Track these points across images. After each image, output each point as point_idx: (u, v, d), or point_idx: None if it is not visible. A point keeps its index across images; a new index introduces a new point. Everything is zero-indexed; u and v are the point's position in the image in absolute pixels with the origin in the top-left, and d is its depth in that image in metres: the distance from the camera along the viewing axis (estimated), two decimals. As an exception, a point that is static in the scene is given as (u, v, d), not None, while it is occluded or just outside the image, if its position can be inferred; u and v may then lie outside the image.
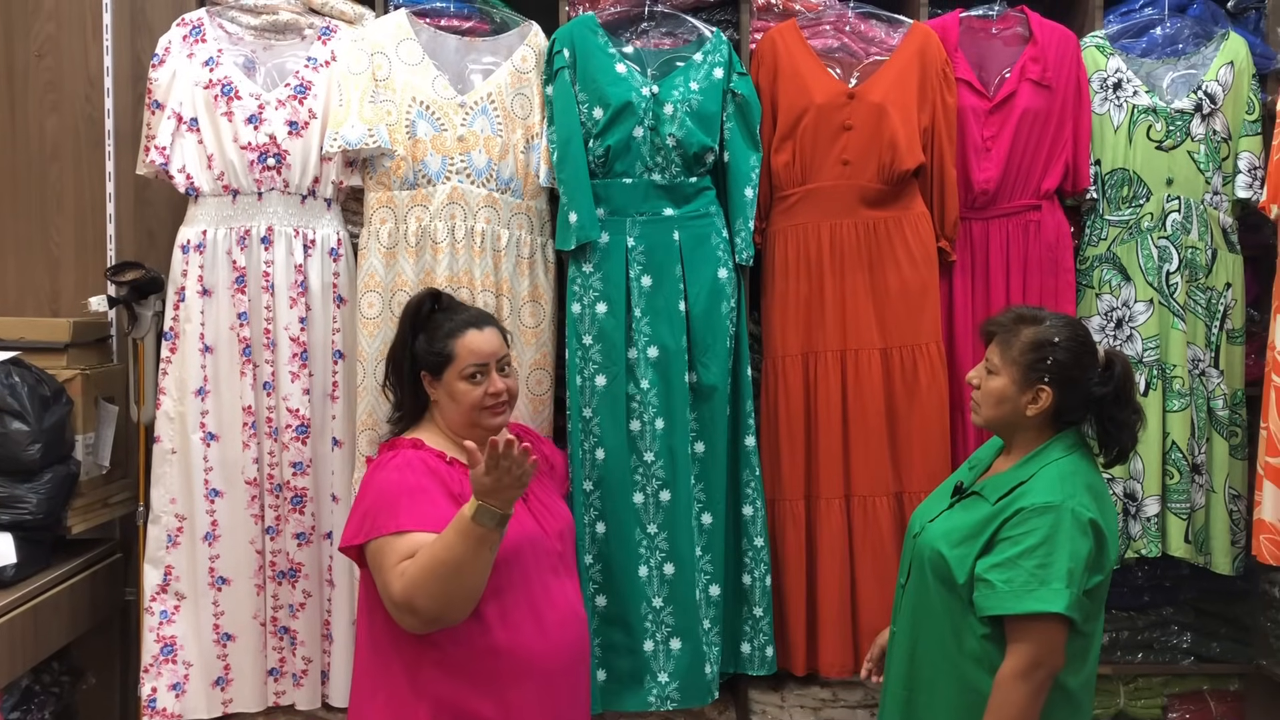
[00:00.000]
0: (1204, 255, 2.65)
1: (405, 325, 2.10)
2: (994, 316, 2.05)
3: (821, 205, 2.56)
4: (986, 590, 1.84)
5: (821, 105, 2.53)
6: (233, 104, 2.50)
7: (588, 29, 2.57)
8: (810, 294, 2.56)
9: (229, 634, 2.54)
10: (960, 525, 1.94)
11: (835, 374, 2.55)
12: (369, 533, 1.90)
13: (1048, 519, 1.82)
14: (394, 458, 1.99)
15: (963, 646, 1.90)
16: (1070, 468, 1.90)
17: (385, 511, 1.90)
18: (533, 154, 2.58)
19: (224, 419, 2.53)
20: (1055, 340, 1.91)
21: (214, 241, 2.52)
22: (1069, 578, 1.79)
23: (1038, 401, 1.91)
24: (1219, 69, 2.65)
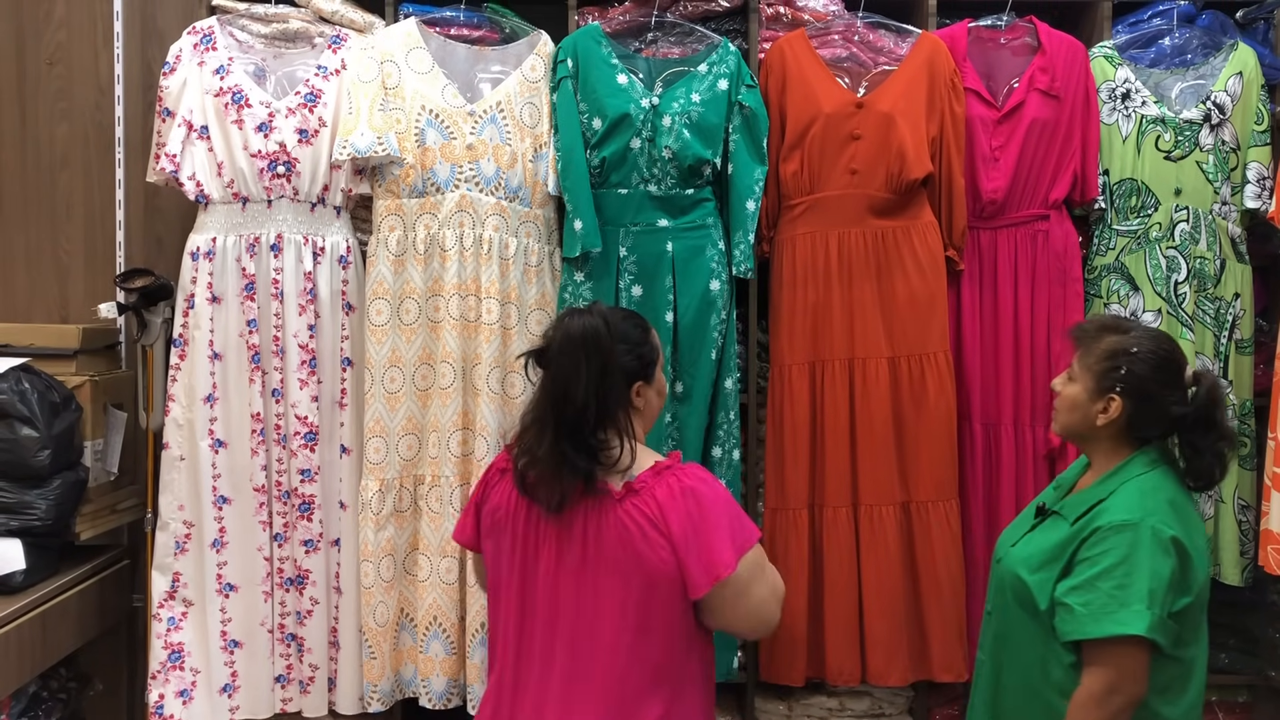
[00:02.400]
0: (1212, 265, 2.64)
1: (609, 351, 1.81)
2: (1081, 323, 1.97)
3: (829, 214, 2.56)
4: (1065, 615, 1.76)
5: (830, 114, 2.54)
6: (243, 112, 2.51)
7: (592, 39, 2.58)
8: (818, 303, 2.56)
9: (236, 641, 2.54)
10: (1040, 549, 1.86)
11: (843, 383, 2.55)
12: (745, 543, 1.78)
13: (1125, 537, 1.74)
14: (699, 470, 1.83)
15: (1048, 677, 1.82)
16: (1151, 483, 1.82)
17: (744, 520, 1.83)
18: (541, 163, 2.59)
19: (232, 426, 2.53)
20: (1132, 350, 1.83)
21: (223, 249, 2.53)
22: (1150, 598, 1.70)
23: (1108, 411, 1.84)
24: (1228, 79, 2.65)
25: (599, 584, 1.79)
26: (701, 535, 1.74)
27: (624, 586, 1.77)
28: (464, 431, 2.53)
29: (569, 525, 1.81)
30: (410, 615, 2.58)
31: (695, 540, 1.73)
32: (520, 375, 2.56)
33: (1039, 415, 2.60)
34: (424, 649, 2.52)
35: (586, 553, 1.80)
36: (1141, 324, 1.95)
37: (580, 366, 1.77)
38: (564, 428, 1.77)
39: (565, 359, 1.79)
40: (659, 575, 1.75)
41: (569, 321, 1.81)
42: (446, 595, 2.51)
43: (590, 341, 1.78)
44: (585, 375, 1.77)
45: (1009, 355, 2.61)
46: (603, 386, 1.78)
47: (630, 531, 1.76)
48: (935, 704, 2.74)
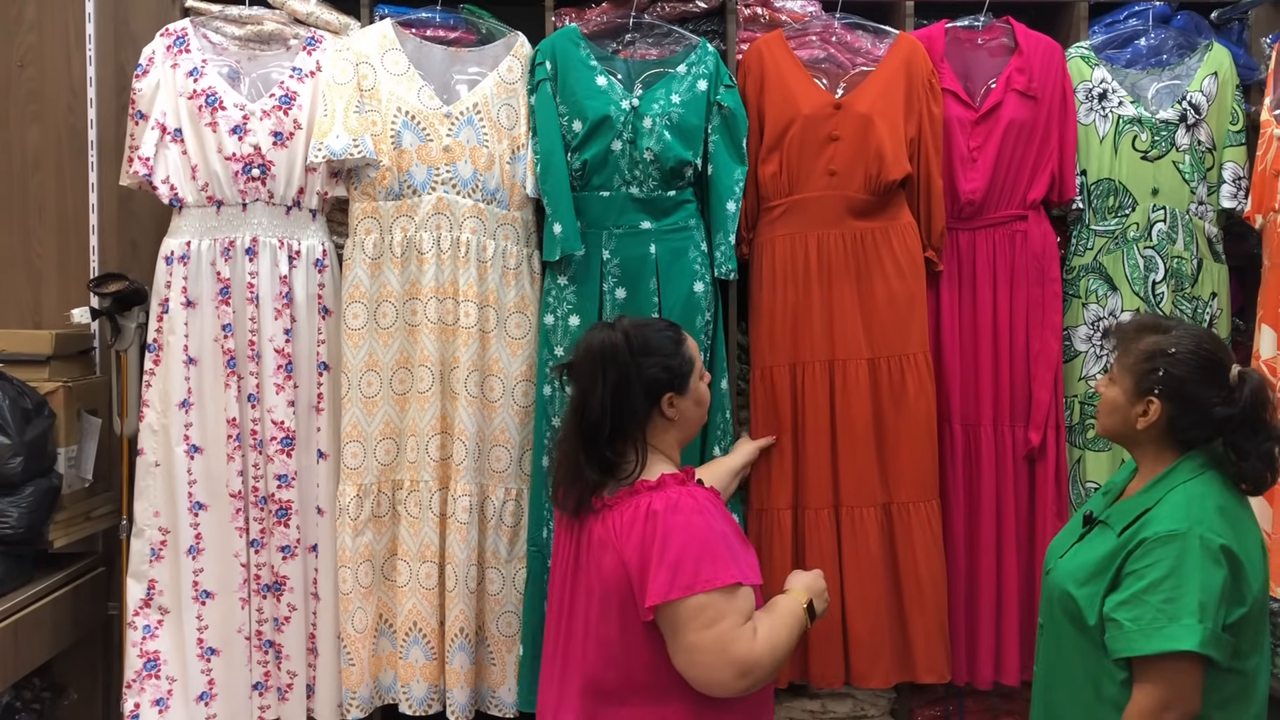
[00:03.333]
0: (1189, 265, 2.65)
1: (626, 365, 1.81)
2: (1125, 322, 1.92)
3: (809, 216, 2.55)
4: (1115, 631, 1.70)
5: (809, 116, 2.53)
6: (217, 114, 2.49)
7: (570, 41, 2.56)
8: (798, 304, 2.55)
9: (213, 648, 2.52)
10: (1087, 561, 1.80)
11: (823, 384, 2.54)
12: (691, 586, 1.68)
13: (1173, 548, 1.67)
14: (683, 498, 1.76)
15: (1101, 693, 1.76)
16: (1199, 490, 1.74)
17: (708, 561, 1.70)
18: (519, 165, 2.58)
19: (208, 431, 2.51)
20: (1171, 351, 1.76)
21: (198, 253, 2.51)
22: (1201, 612, 1.63)
23: (1147, 414, 1.78)
24: (1203, 79, 2.66)
25: (578, 593, 1.85)
26: (644, 561, 1.72)
27: (588, 598, 1.82)
28: (442, 436, 2.51)
29: (577, 532, 1.87)
30: (389, 621, 2.56)
31: (639, 565, 1.73)
32: (499, 379, 2.54)
33: (1018, 416, 2.60)
34: (404, 655, 2.50)
35: (579, 561, 1.85)
36: (1184, 322, 1.89)
37: (597, 381, 1.82)
38: (581, 439, 1.82)
39: (583, 372, 1.85)
40: (615, 593, 1.76)
41: (590, 335, 1.87)
42: (426, 600, 2.49)
43: (607, 356, 1.82)
44: (600, 389, 1.81)
45: (988, 356, 2.61)
46: (618, 400, 1.81)
47: (594, 548, 1.80)
48: (917, 705, 2.74)
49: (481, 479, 2.53)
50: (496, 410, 2.54)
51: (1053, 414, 2.59)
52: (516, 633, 2.55)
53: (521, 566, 2.55)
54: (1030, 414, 2.59)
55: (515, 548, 2.57)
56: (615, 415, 1.81)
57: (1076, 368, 2.66)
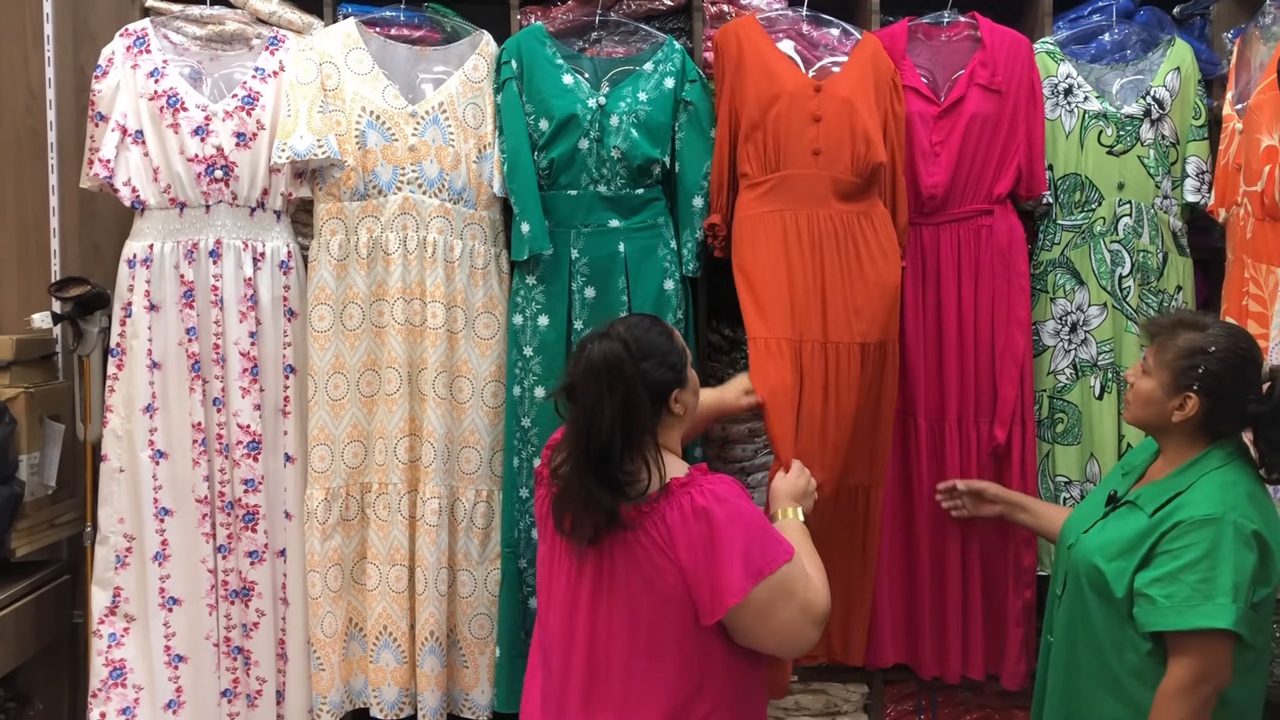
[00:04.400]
0: (1155, 259, 2.67)
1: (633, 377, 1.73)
2: (1158, 317, 2.00)
3: (796, 193, 2.45)
4: (1147, 606, 1.80)
5: (792, 93, 2.46)
6: (179, 115, 2.46)
7: (535, 39, 2.55)
8: (791, 279, 2.42)
9: (180, 655, 2.49)
10: (1117, 538, 1.89)
11: (820, 366, 2.41)
12: (763, 570, 1.69)
13: (1209, 532, 1.77)
14: (719, 485, 1.74)
15: (1124, 661, 1.87)
16: (1231, 476, 1.85)
17: (770, 540, 1.73)
18: (485, 164, 2.56)
19: (173, 436, 2.48)
20: (1210, 349, 1.85)
21: (161, 255, 2.48)
22: (1235, 592, 1.74)
23: (1184, 409, 1.87)
24: (1166, 75, 2.67)
25: (612, 611, 1.75)
26: (711, 561, 1.68)
27: (634, 615, 1.73)
28: (411, 438, 2.49)
29: (596, 554, 1.76)
30: (359, 625, 2.54)
31: (704, 567, 1.68)
32: (468, 380, 2.53)
33: (984, 412, 2.59)
34: (374, 659, 2.49)
35: (600, 579, 1.76)
36: (1218, 319, 1.97)
37: (604, 398, 1.70)
38: (591, 463, 1.71)
39: (588, 391, 1.72)
40: (669, 602, 1.71)
41: (590, 348, 1.74)
42: (396, 604, 2.47)
43: (612, 369, 1.71)
44: (609, 407, 1.70)
45: (953, 351, 2.60)
46: (628, 416, 1.71)
47: (638, 559, 1.72)
48: (890, 700, 2.74)
49: (451, 481, 2.52)
50: (466, 411, 2.53)
51: (1019, 410, 2.59)
52: (489, 635, 2.54)
53: (494, 568, 2.53)
54: (996, 410, 2.59)
55: (487, 549, 2.55)
56: (625, 431, 1.71)
57: (1045, 362, 2.67)
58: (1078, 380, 2.64)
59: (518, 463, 2.49)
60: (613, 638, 1.76)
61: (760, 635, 1.75)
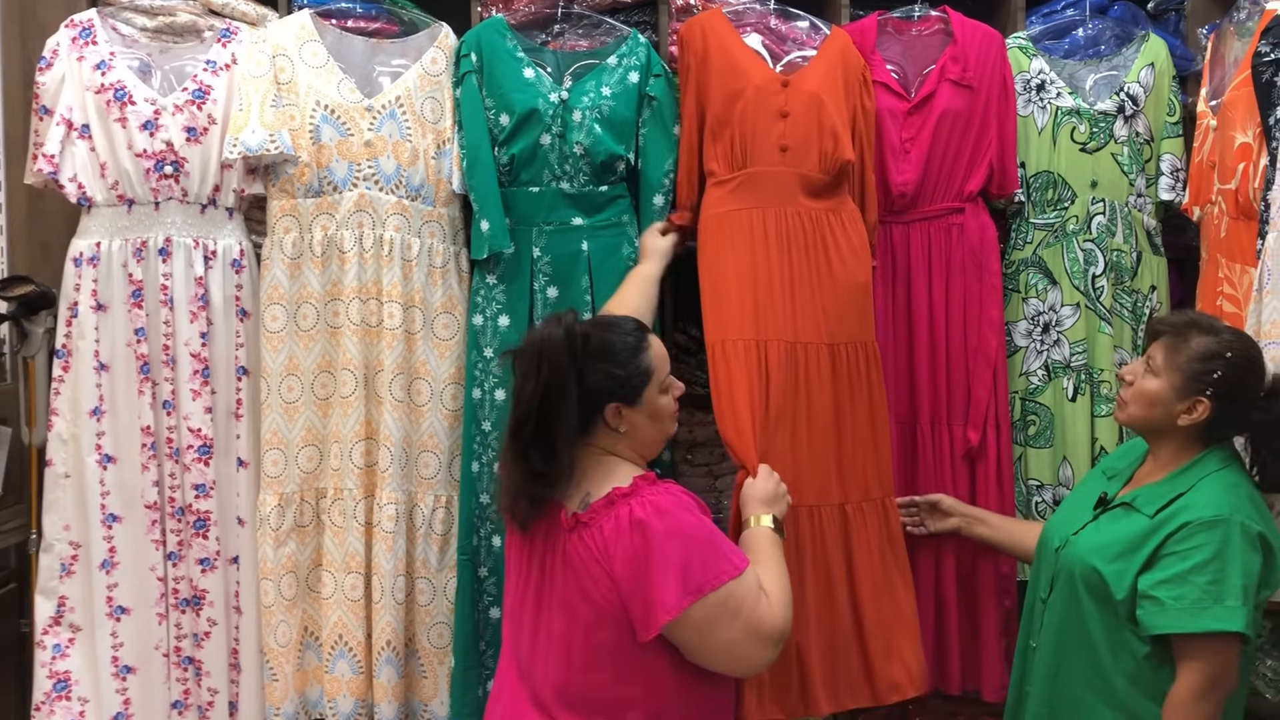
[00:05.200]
0: (1129, 258, 2.62)
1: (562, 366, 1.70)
2: (1166, 316, 1.99)
3: (765, 191, 2.39)
4: (1154, 608, 1.78)
5: (759, 87, 2.40)
6: (126, 109, 2.38)
7: (496, 32, 2.48)
8: (757, 277, 2.34)
9: (129, 666, 2.41)
10: (1115, 539, 1.87)
11: (789, 368, 2.32)
12: (703, 588, 1.63)
13: (1217, 533, 1.76)
14: (661, 498, 1.69)
15: (1119, 666, 1.84)
16: (1232, 479, 1.85)
17: (712, 556, 1.66)
18: (444, 159, 2.49)
19: (121, 440, 2.41)
20: (1227, 355, 1.84)
21: (108, 254, 2.40)
22: (1244, 595, 1.73)
23: (1193, 413, 1.86)
24: (1140, 70, 2.63)
25: (551, 616, 1.71)
26: (645, 576, 1.63)
27: (569, 623, 1.69)
28: (367, 442, 2.42)
29: (530, 547, 1.74)
30: (315, 634, 2.47)
31: (639, 581, 1.63)
32: (427, 382, 2.46)
33: (957, 414, 2.54)
34: (330, 669, 2.42)
35: (543, 580, 1.73)
36: (1225, 323, 1.96)
37: (527, 379, 1.69)
38: (510, 435, 1.71)
39: (520, 366, 1.72)
40: (604, 615, 1.66)
41: (537, 328, 1.74)
42: (352, 613, 2.40)
43: (543, 355, 1.69)
44: (530, 388, 1.68)
45: (925, 352, 2.54)
46: (546, 402, 1.67)
47: (576, 569, 1.68)
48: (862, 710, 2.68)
49: (409, 486, 2.45)
50: (424, 415, 2.46)
51: (993, 412, 2.54)
52: (448, 644, 2.47)
53: (453, 576, 2.46)
54: (969, 412, 2.54)
55: (446, 556, 2.48)
56: (541, 417, 1.68)
57: (1017, 363, 2.62)
58: (1050, 382, 2.60)
59: (477, 468, 2.42)
60: (551, 646, 1.72)
61: (702, 654, 1.69)
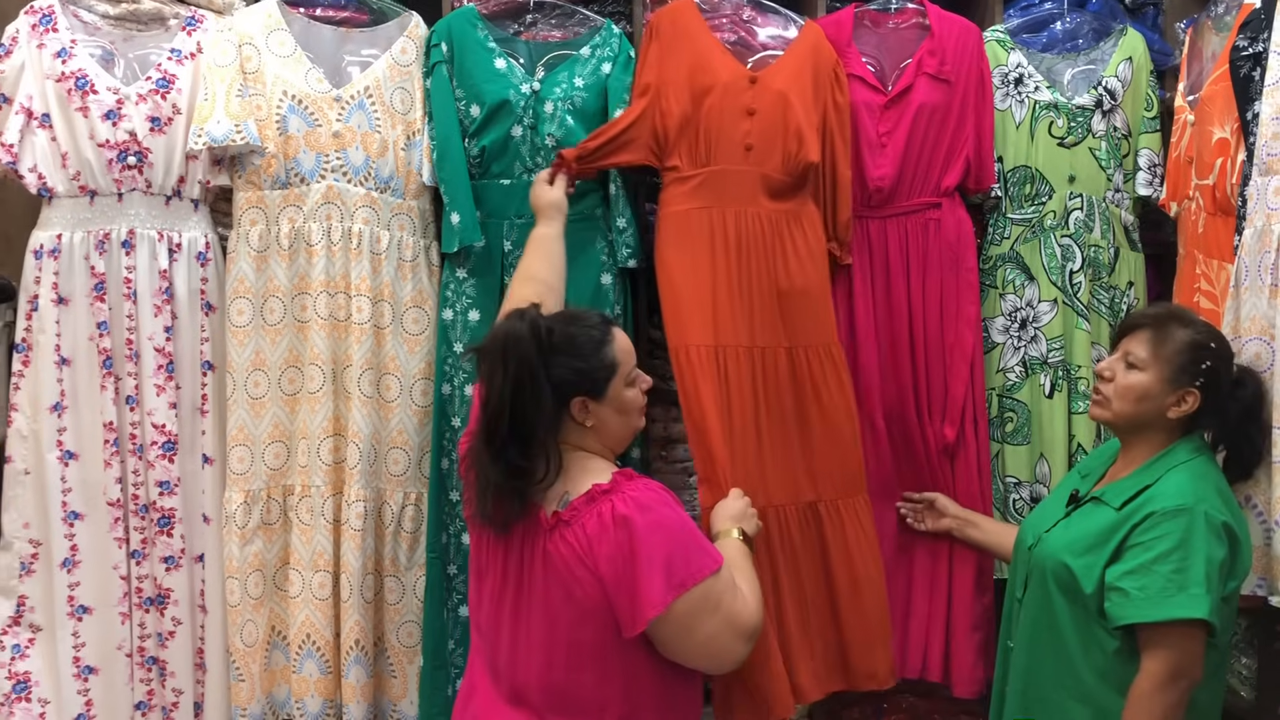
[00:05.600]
0: (1106, 254, 2.60)
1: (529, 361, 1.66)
2: (1143, 309, 1.99)
3: (726, 190, 2.37)
4: (1120, 599, 1.77)
5: (727, 84, 2.37)
6: (88, 98, 2.33)
7: (467, 22, 2.44)
8: (715, 282, 2.34)
9: (91, 667, 2.37)
10: (1084, 533, 1.87)
11: (748, 372, 2.34)
12: (686, 583, 1.63)
13: (1181, 522, 1.75)
14: (642, 492, 1.68)
15: (1089, 662, 1.83)
16: (1199, 470, 1.85)
17: (694, 551, 1.67)
18: (414, 151, 2.45)
19: (83, 436, 2.36)
20: (1212, 345, 1.86)
21: (70, 246, 2.35)
22: (1207, 583, 1.72)
23: (1183, 404, 1.86)
24: (1118, 65, 2.61)
25: (531, 617, 1.69)
26: (631, 572, 1.62)
27: (551, 625, 1.67)
28: (335, 438, 2.38)
29: (506, 548, 1.71)
30: (282, 633, 2.43)
31: (624, 578, 1.62)
32: (396, 377, 2.43)
33: (935, 409, 2.52)
34: (298, 669, 2.38)
35: (521, 584, 1.70)
36: (1194, 313, 2.01)
37: (496, 374, 1.66)
38: (483, 436, 1.68)
39: (486, 365, 1.69)
40: (588, 614, 1.65)
41: (501, 323, 1.71)
42: (320, 612, 2.36)
43: (509, 350, 1.66)
44: (500, 385, 1.65)
45: (904, 347, 2.52)
46: (518, 398, 1.65)
47: (557, 568, 1.66)
48: (836, 708, 2.67)
49: (378, 483, 2.41)
50: (393, 411, 2.42)
51: (970, 408, 2.52)
52: (418, 643, 2.44)
53: (422, 574, 2.43)
54: (946, 408, 2.52)
55: (415, 554, 2.45)
56: (515, 413, 1.65)
57: (994, 360, 2.60)
58: (1027, 378, 2.58)
59: (446, 464, 2.39)
60: (531, 646, 1.70)
61: (683, 649, 1.69)
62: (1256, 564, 2.07)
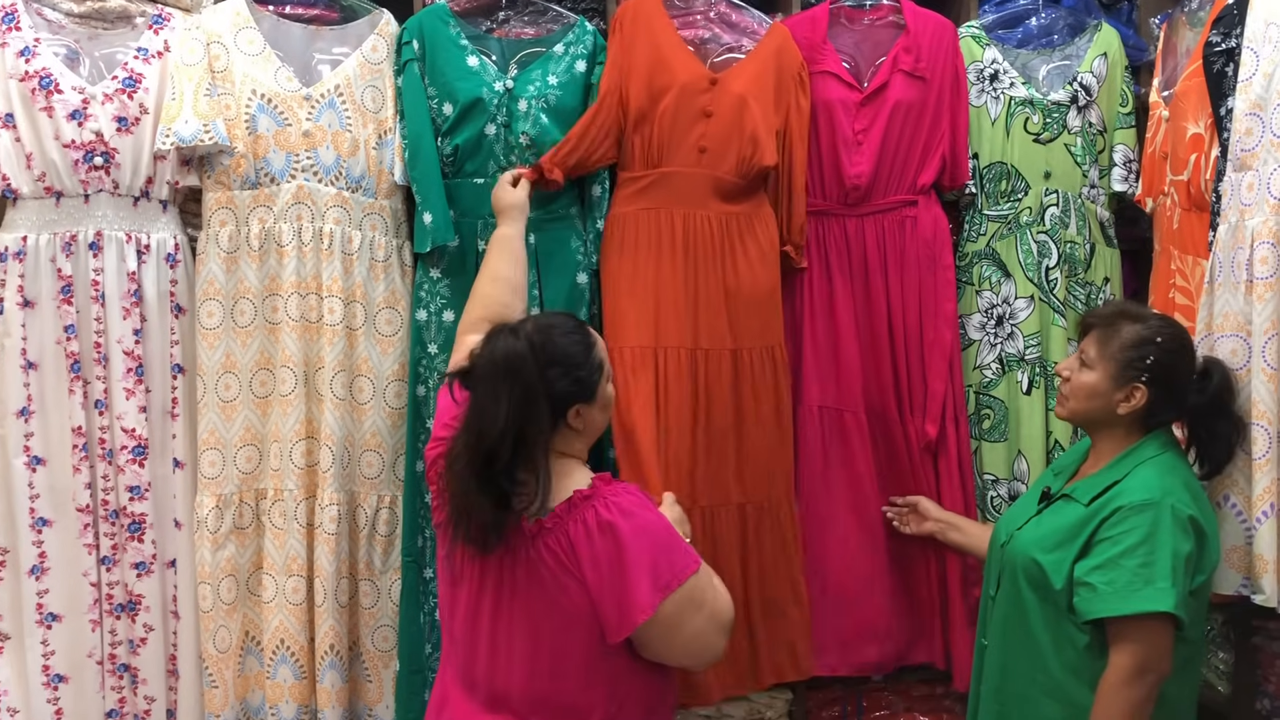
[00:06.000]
0: (1083, 250, 2.60)
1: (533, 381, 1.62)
2: (1095, 309, 2.00)
3: (676, 192, 2.38)
4: (1088, 593, 1.78)
5: (685, 85, 2.37)
6: (53, 98, 2.28)
7: (438, 19, 2.41)
8: (660, 282, 2.35)
9: (60, 675, 2.33)
10: (1053, 530, 1.88)
11: (688, 374, 2.35)
12: (671, 584, 1.63)
13: (1147, 516, 1.77)
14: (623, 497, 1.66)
15: (1061, 658, 1.84)
16: (1167, 464, 1.86)
17: (677, 551, 1.67)
18: (386, 150, 2.42)
19: (51, 441, 2.32)
20: (1157, 340, 1.87)
21: (36, 248, 2.31)
22: (1173, 576, 1.73)
23: (1131, 400, 1.87)
24: (1093, 60, 2.60)
25: (512, 628, 1.66)
26: (618, 578, 1.61)
27: (535, 633, 1.65)
28: (308, 441, 2.36)
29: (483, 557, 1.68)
30: (256, 639, 2.41)
31: (611, 584, 1.61)
32: (369, 379, 2.40)
33: (915, 407, 2.52)
34: (271, 674, 2.35)
35: (501, 593, 1.67)
36: (1153, 310, 2.03)
37: (499, 400, 1.59)
38: (477, 465, 1.60)
39: (485, 388, 1.62)
40: (573, 620, 1.63)
41: (495, 343, 1.63)
42: (294, 616, 2.34)
43: (512, 371, 1.60)
44: (504, 410, 1.59)
45: (883, 345, 2.52)
46: (522, 420, 1.60)
47: (541, 576, 1.63)
48: (815, 705, 2.67)
49: (352, 486, 2.39)
50: (367, 413, 2.40)
51: (950, 405, 2.51)
52: (393, 647, 2.42)
53: (397, 578, 2.41)
54: (926, 406, 2.51)
55: (390, 558, 2.43)
56: (517, 437, 1.60)
57: (971, 357, 2.60)
58: (1004, 375, 2.57)
59: (421, 467, 2.37)
60: (513, 654, 1.68)
61: (669, 648, 1.69)
62: (1238, 564, 2.07)
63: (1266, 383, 2.02)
